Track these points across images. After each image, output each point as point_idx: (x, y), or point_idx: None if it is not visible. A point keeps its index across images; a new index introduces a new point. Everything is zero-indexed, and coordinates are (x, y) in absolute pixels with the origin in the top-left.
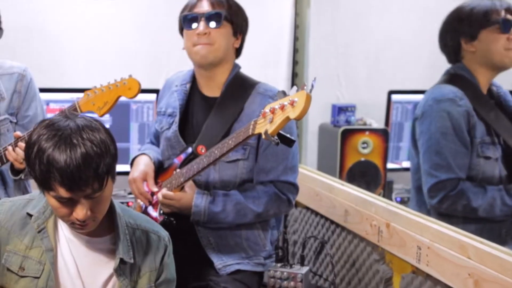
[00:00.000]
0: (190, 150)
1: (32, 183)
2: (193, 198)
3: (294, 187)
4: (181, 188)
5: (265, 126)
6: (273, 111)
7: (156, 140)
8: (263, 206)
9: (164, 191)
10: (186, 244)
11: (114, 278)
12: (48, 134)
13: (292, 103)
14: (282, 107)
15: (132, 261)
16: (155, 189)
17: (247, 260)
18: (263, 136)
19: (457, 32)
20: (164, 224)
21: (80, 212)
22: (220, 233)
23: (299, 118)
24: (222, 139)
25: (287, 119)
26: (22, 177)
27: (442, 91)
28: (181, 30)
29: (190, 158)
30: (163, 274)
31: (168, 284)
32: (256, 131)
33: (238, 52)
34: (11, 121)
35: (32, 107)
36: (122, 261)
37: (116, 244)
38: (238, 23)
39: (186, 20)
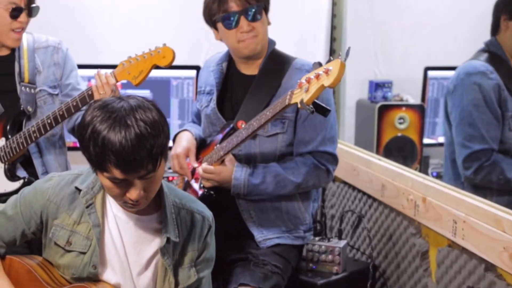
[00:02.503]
0: (231, 125)
1: (71, 155)
2: (233, 171)
3: (333, 158)
4: (221, 162)
5: (301, 96)
6: (308, 81)
7: (197, 119)
8: (302, 177)
9: (204, 165)
10: (227, 218)
11: (158, 256)
12: (103, 116)
13: (326, 72)
14: (317, 76)
15: (177, 240)
16: (195, 164)
17: (287, 234)
18: (299, 105)
19: (499, 7)
20: (204, 197)
21: (134, 192)
22: (261, 207)
23: (333, 86)
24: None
25: (322, 87)
26: None
27: (473, 65)
28: (210, 23)
29: (231, 133)
30: (203, 253)
31: (207, 263)
32: (293, 101)
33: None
34: (50, 94)
35: (72, 75)
36: (167, 240)
37: (163, 223)
38: (267, 5)
39: (225, 20)
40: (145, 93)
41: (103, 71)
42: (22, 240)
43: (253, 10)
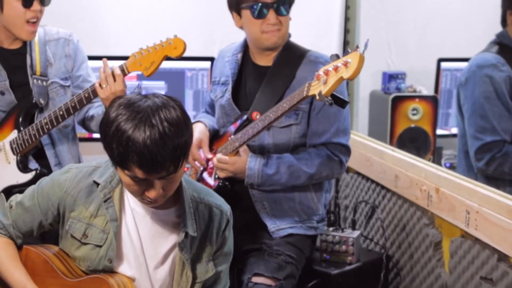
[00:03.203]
0: (245, 116)
1: (81, 147)
2: (247, 161)
3: (346, 149)
4: (236, 152)
5: (319, 88)
6: (326, 73)
7: (210, 109)
8: (316, 168)
9: (219, 155)
10: (240, 208)
11: (175, 251)
12: (128, 115)
13: (345, 64)
14: (336, 68)
15: (195, 234)
16: (209, 155)
17: (300, 224)
18: (317, 97)
19: (505, 2)
20: (219, 189)
21: (153, 192)
22: (274, 197)
23: (352, 78)
24: (275, 104)
25: (341, 79)
26: None
27: (485, 57)
28: (233, 8)
29: (245, 124)
30: (221, 247)
31: (225, 257)
32: (310, 93)
33: None
34: (61, 86)
35: (83, 67)
36: (185, 235)
37: (181, 217)
38: (293, 1)
39: (254, 10)
40: (160, 84)
41: (107, 63)
42: (39, 231)
43: (286, 5)
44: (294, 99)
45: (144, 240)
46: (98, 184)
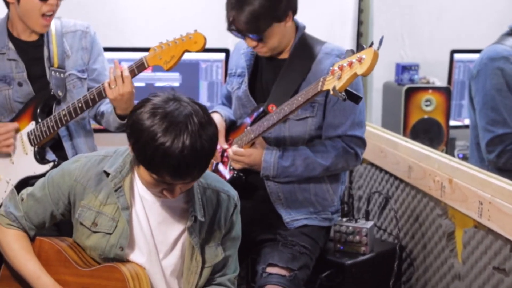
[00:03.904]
0: (261, 109)
1: (97, 138)
2: (263, 153)
3: (362, 141)
4: (252, 144)
5: (333, 83)
6: (341, 68)
7: (227, 101)
8: (331, 160)
9: (235, 147)
10: (255, 199)
11: (184, 236)
12: (165, 126)
13: (359, 60)
14: (350, 64)
15: (203, 219)
16: (225, 146)
17: (315, 215)
18: (331, 92)
19: None
20: (234, 180)
21: (174, 194)
22: (289, 188)
23: (366, 74)
24: (291, 97)
25: (355, 75)
26: None
27: (496, 50)
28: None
29: (261, 116)
30: (229, 231)
31: (233, 241)
32: (325, 88)
33: (293, 13)
34: (79, 78)
35: (99, 60)
36: (194, 219)
37: (189, 203)
38: (278, 15)
39: (233, 32)
40: (175, 75)
41: (118, 65)
42: (52, 221)
43: (255, 36)
44: (309, 93)
45: (153, 227)
46: (108, 174)
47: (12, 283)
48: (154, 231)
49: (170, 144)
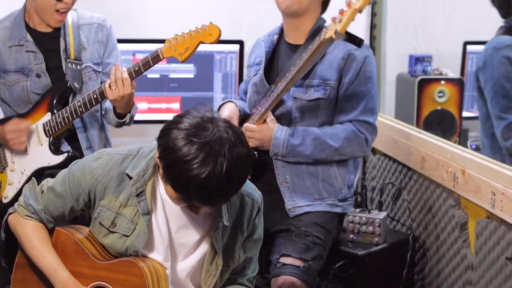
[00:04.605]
0: (272, 88)
1: (111, 129)
2: (273, 130)
3: (372, 128)
4: (263, 121)
5: (334, 27)
6: (341, 12)
7: (245, 95)
8: (341, 142)
9: (246, 124)
10: (263, 181)
11: (205, 240)
12: (201, 157)
13: None
14: (349, 4)
15: (228, 223)
16: None
17: (319, 201)
18: (333, 36)
19: None
20: None
21: (198, 213)
22: (297, 171)
23: (363, 6)
24: (304, 78)
25: (355, 11)
26: (127, 121)
27: (500, 39)
28: None
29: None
30: (252, 234)
31: (255, 243)
32: (328, 35)
33: (324, 6)
34: (94, 70)
35: (113, 55)
36: (218, 224)
37: (215, 207)
38: None
39: None
40: (189, 67)
41: (118, 67)
42: (71, 215)
43: None
44: (314, 46)
45: (173, 230)
46: (130, 178)
47: (27, 271)
48: (174, 235)
49: (206, 176)
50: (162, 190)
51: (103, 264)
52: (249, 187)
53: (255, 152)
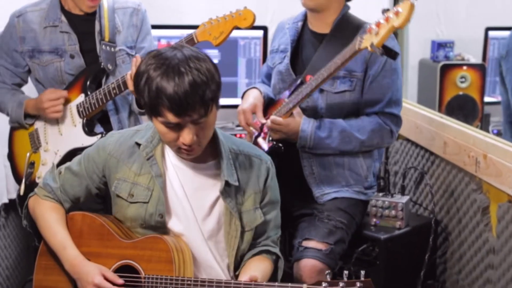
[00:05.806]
0: (299, 80)
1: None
2: (300, 123)
3: (398, 119)
4: (290, 114)
5: (371, 39)
6: (378, 25)
7: (267, 79)
8: (367, 134)
9: (273, 117)
10: (290, 172)
11: (221, 201)
12: (156, 64)
13: (396, 13)
14: (387, 19)
15: (236, 183)
16: (263, 120)
17: (346, 188)
18: (369, 49)
19: None
20: (272, 151)
21: (187, 136)
22: (324, 163)
23: (402, 26)
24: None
25: (392, 28)
26: None
27: None
28: None
29: (299, 87)
30: (267, 196)
31: (272, 205)
32: (363, 46)
33: None
34: (128, 53)
35: (147, 39)
36: (227, 183)
37: (220, 168)
38: None
39: None
40: (214, 52)
41: (139, 59)
42: (86, 196)
43: None
44: (347, 54)
45: (189, 193)
46: (139, 145)
47: (50, 258)
48: (190, 198)
49: (161, 79)
50: (171, 154)
51: (128, 242)
52: (257, 150)
53: (281, 145)
